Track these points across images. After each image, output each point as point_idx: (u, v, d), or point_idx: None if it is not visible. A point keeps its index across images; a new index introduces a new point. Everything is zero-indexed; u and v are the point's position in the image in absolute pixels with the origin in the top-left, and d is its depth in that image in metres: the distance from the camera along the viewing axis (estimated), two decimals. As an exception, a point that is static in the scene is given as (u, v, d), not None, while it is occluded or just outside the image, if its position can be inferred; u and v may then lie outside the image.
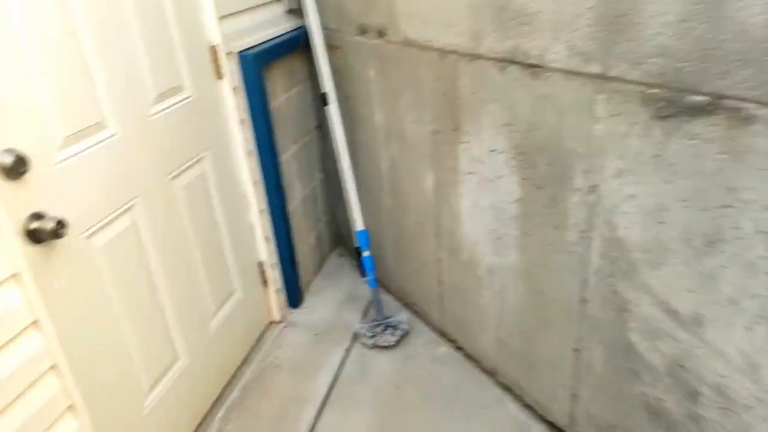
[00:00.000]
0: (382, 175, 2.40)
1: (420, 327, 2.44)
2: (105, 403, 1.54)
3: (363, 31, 2.20)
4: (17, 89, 1.26)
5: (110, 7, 1.53)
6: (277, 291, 2.46)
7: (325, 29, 2.32)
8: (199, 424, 1.99)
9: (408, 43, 1.99)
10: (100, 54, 1.49)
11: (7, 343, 1.22)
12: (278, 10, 2.36)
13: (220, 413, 2.05)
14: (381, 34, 2.12)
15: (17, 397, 1.23)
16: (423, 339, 2.37)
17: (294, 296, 2.56)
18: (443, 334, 2.37)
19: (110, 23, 1.53)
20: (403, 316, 2.43)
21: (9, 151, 1.24)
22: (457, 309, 2.23)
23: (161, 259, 1.76)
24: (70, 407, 1.37)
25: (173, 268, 1.81)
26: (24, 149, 1.28)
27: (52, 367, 1.32)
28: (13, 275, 1.22)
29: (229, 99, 2.09)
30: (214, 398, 2.08)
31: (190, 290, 1.91)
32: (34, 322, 1.27)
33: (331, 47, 2.36)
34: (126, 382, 1.62)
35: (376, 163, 2.41)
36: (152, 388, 1.74)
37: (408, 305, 2.56)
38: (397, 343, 2.34)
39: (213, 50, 2.00)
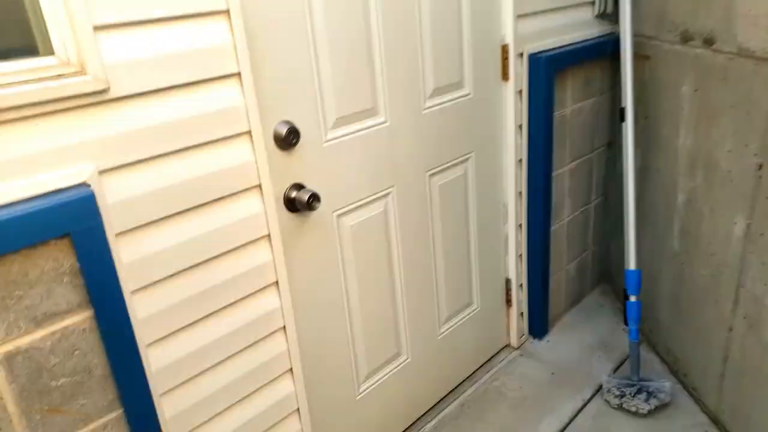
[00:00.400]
0: (674, 210, 1.99)
1: (685, 403, 1.97)
2: (321, 377, 1.59)
3: (685, 38, 1.84)
4: (302, 66, 1.35)
5: (404, 5, 1.54)
6: (520, 315, 2.27)
7: (637, 36, 2.01)
8: (408, 427, 1.94)
9: (743, 54, 1.58)
10: (386, 41, 1.52)
11: (252, 295, 1.32)
12: (585, 13, 2.13)
13: (432, 422, 1.96)
14: (707, 42, 1.73)
15: (247, 347, 1.33)
16: (685, 419, 1.90)
17: (538, 325, 2.32)
18: (715, 422, 1.86)
19: (402, 11, 1.54)
20: (666, 384, 1.99)
21: (285, 122, 1.34)
22: (743, 396, 1.72)
23: (404, 252, 1.74)
24: (290, 371, 1.43)
25: (414, 263, 1.78)
26: (298, 123, 1.36)
27: (282, 328, 1.39)
28: (266, 236, 1.31)
29: (510, 102, 1.97)
30: (430, 406, 2.01)
31: (426, 289, 1.86)
32: (275, 283, 1.35)
33: (639, 57, 2.04)
34: (345, 362, 1.65)
35: (669, 194, 2.01)
36: (370, 376, 1.75)
37: (675, 372, 2.09)
38: (651, 412, 1.92)
39: (503, 50, 1.90)
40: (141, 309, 1.12)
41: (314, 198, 1.36)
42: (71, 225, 0.97)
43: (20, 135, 0.92)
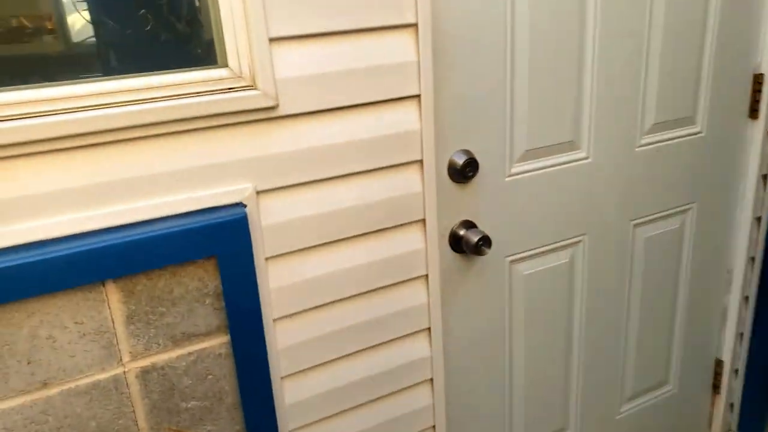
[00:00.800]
0: None
1: None
2: (470, 438, 1.40)
3: None
4: (492, 88, 1.17)
5: (630, 19, 1.27)
6: (729, 406, 1.82)
7: None
8: None
9: None
10: (601, 62, 1.27)
11: (400, 339, 1.19)
12: None
13: None
14: None
15: (388, 395, 1.20)
16: None
17: (752, 423, 1.84)
18: None
19: (627, 29, 1.27)
20: None
21: (464, 152, 1.17)
22: None
23: (588, 312, 1.46)
24: (432, 428, 1.27)
25: (599, 326, 1.50)
26: (479, 153, 1.19)
27: (429, 380, 1.24)
28: (424, 276, 1.17)
29: (756, 146, 1.56)
30: (594, 493, 1.70)
31: (609, 359, 1.55)
32: (427, 329, 1.20)
33: None
34: (497, 429, 1.44)
35: None
36: (525, 448, 1.51)
37: None
38: None
39: (755, 80, 1.51)
40: (281, 339, 1.05)
41: (484, 241, 1.18)
42: (221, 247, 0.92)
43: (181, 148, 0.89)
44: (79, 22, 0.84)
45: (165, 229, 0.87)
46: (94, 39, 0.85)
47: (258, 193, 0.96)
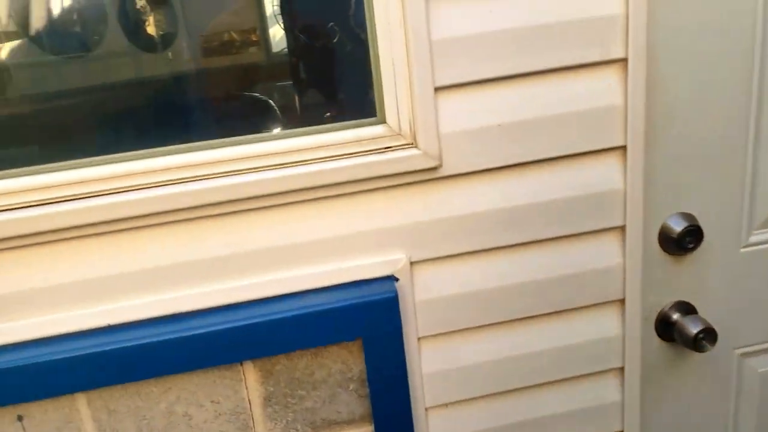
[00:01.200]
0: None
1: None
2: None
3: None
4: (724, 135, 0.88)
5: None
6: None
7: None
8: None
9: None
10: None
11: (583, 437, 0.96)
12: None
13: None
14: None
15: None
16: None
17: None
18: None
19: None
20: None
21: (683, 216, 0.90)
22: None
23: None
24: None
25: None
26: (702, 218, 0.91)
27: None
28: (619, 369, 0.93)
29: None
30: None
31: None
32: (619, 433, 0.96)
33: None
34: None
35: None
36: None
37: None
38: None
39: None
40: (434, 431, 0.90)
41: (707, 335, 0.89)
42: (368, 329, 0.79)
43: (330, 215, 0.78)
44: (277, 34, 0.84)
45: (308, 308, 0.77)
46: (287, 49, 0.83)
47: (412, 263, 0.82)
